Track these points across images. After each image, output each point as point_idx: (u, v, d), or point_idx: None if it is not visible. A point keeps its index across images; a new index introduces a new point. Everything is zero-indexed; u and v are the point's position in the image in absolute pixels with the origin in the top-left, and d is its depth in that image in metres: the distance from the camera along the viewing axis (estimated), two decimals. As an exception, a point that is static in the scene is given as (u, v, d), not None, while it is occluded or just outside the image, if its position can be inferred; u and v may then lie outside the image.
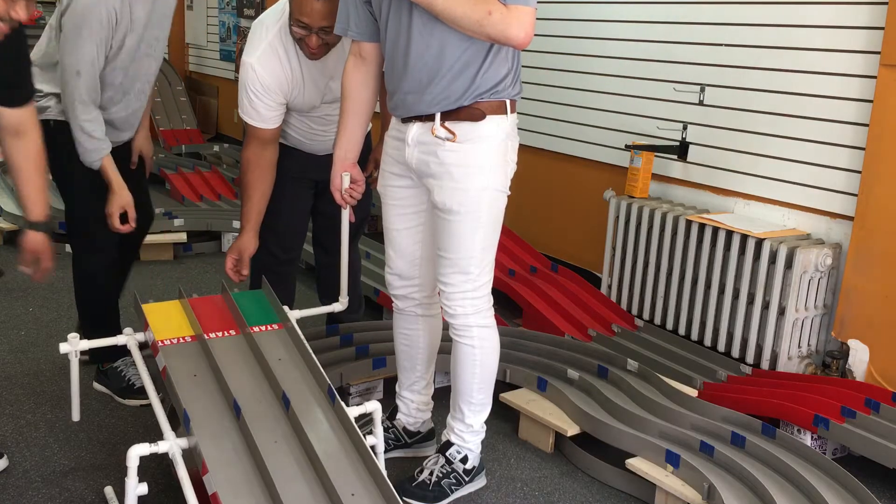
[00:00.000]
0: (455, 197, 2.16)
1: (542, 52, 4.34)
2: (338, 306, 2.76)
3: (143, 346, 2.47)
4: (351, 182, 2.40)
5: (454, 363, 2.35)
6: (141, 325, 2.50)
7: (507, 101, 2.18)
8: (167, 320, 2.48)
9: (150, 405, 2.24)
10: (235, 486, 1.93)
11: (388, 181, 2.34)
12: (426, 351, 2.51)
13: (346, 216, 2.64)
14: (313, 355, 2.35)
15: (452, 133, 2.14)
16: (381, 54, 2.27)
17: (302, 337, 2.42)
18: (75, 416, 2.52)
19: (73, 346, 2.43)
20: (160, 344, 2.37)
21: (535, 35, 4.65)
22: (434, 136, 2.15)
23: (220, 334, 2.43)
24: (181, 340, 2.40)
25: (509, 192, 2.26)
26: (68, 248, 4.39)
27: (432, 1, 2.01)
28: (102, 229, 2.81)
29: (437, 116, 2.15)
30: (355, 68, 2.32)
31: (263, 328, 2.48)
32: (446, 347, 2.45)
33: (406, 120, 2.22)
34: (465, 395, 2.36)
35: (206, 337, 2.38)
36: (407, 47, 2.11)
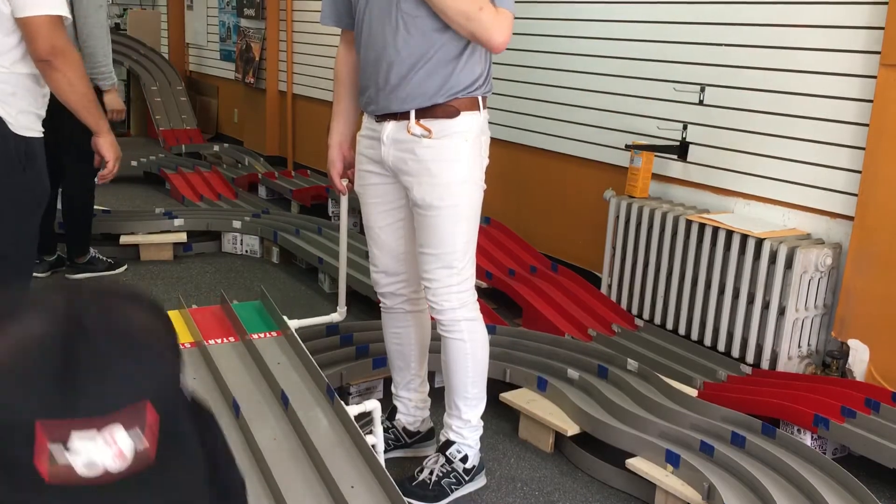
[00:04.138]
0: (435, 192, 2.18)
1: (542, 52, 4.34)
2: (336, 316, 2.77)
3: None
4: (345, 165, 2.43)
5: (445, 360, 2.36)
6: None
7: (480, 98, 2.22)
8: None
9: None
10: None
11: (364, 180, 2.34)
12: (418, 347, 2.52)
13: (344, 204, 2.64)
14: (312, 359, 2.36)
15: (428, 130, 2.15)
16: None
17: (301, 343, 2.43)
18: None
19: None
20: None
21: (536, 35, 4.64)
22: (410, 133, 2.17)
23: (219, 341, 2.44)
24: (181, 346, 2.41)
25: (485, 186, 2.29)
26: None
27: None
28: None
29: (412, 114, 2.16)
30: (347, 53, 2.36)
31: (263, 335, 2.49)
32: (437, 347, 2.45)
33: (380, 118, 2.23)
34: (460, 390, 2.36)
35: (206, 343, 2.39)
36: (383, 42, 2.12)
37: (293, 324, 2.58)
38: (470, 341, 2.31)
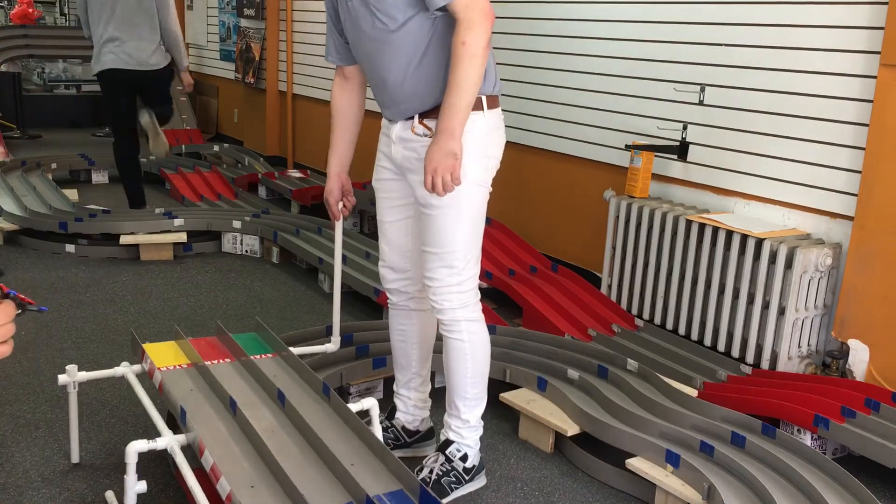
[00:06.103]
0: None
1: (543, 52, 4.34)
2: (330, 346, 2.78)
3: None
4: (343, 193, 2.48)
5: (446, 360, 2.37)
6: (138, 358, 2.52)
7: (484, 98, 2.21)
8: (165, 354, 2.51)
9: None
10: (233, 461, 1.95)
11: (379, 175, 2.40)
12: (421, 346, 2.53)
13: (339, 231, 2.67)
14: (311, 370, 2.39)
15: (430, 129, 2.19)
16: (363, 72, 2.37)
17: (300, 360, 2.45)
18: (74, 457, 2.49)
19: (72, 377, 2.39)
20: (158, 370, 2.39)
21: (535, 35, 4.61)
22: (414, 132, 2.21)
23: (216, 361, 2.47)
24: (178, 367, 2.43)
25: (491, 189, 2.29)
26: (68, 247, 4.41)
27: (461, 107, 2.07)
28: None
29: (416, 115, 2.21)
30: (341, 87, 2.43)
31: (261, 356, 2.53)
32: (440, 347, 2.45)
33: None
34: (460, 390, 2.37)
35: (204, 362, 2.42)
36: (377, 62, 2.19)
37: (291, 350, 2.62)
38: (469, 342, 2.32)
